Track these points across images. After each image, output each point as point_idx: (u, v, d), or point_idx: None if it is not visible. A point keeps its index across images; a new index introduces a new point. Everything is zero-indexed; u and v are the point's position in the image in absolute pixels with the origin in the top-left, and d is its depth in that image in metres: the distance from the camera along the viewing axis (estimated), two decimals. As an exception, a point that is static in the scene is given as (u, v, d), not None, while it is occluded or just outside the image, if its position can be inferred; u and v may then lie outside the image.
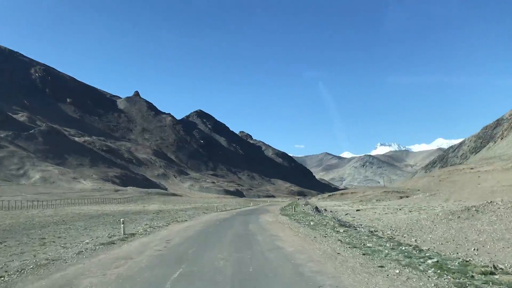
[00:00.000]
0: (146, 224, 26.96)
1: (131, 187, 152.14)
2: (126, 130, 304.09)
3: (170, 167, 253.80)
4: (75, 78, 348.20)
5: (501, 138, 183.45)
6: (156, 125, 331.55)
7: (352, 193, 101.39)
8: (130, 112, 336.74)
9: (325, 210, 50.80)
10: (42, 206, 61.11)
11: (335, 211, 47.89)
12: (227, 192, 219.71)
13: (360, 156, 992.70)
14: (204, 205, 70.99)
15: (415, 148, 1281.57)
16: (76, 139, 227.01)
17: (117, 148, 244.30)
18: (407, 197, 75.44)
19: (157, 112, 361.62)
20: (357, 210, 47.27)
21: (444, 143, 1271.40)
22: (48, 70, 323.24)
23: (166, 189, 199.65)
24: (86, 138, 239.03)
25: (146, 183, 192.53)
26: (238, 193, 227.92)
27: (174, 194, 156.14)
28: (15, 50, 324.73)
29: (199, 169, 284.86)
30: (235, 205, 75.75)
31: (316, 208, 50.94)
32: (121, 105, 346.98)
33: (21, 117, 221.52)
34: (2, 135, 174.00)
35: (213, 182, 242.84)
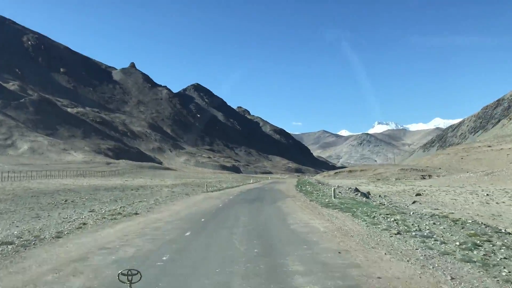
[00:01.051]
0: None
1: (123, 160, 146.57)
2: (121, 102, 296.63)
3: (165, 141, 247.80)
4: (69, 48, 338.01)
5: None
6: (152, 97, 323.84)
7: (361, 170, 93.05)
8: (125, 84, 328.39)
9: (369, 193, 35.75)
10: (9, 179, 54.97)
11: (383, 196, 35.21)
12: (224, 168, 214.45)
13: (358, 135, 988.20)
14: (196, 181, 65.45)
15: (412, 127, 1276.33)
16: (69, 109, 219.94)
17: (111, 120, 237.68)
18: (429, 176, 67.99)
19: (153, 85, 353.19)
20: (417, 195, 35.01)
21: (441, 122, 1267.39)
22: (41, 39, 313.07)
23: (161, 163, 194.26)
24: (80, 109, 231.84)
25: (140, 157, 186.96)
26: (235, 169, 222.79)
27: (168, 169, 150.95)
28: (7, 17, 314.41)
29: (195, 143, 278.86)
30: (231, 182, 68.70)
31: (357, 190, 35.98)
32: (116, 76, 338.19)
33: (12, 86, 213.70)
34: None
35: (209, 157, 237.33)
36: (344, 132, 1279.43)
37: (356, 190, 35.59)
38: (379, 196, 34.86)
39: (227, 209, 21.11)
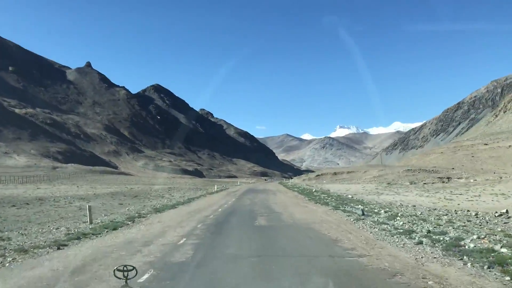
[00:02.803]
0: None
1: (72, 164, 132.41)
2: (75, 103, 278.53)
3: (122, 144, 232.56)
4: (20, 46, 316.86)
5: (504, 112, 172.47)
6: (109, 98, 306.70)
7: (349, 172, 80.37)
8: (80, 84, 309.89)
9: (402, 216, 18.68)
10: None
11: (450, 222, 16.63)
12: (185, 172, 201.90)
13: (320, 138, 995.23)
14: (138, 189, 53.93)
15: (373, 131, 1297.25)
16: (16, 110, 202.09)
17: (63, 122, 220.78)
18: (448, 178, 54.79)
19: (110, 85, 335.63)
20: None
21: (401, 126, 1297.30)
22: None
23: (116, 167, 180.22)
24: (29, 110, 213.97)
25: (94, 160, 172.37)
26: (197, 173, 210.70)
27: (122, 173, 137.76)
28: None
29: (155, 146, 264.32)
30: (187, 190, 53.01)
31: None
32: (70, 76, 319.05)
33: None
34: None
35: (170, 161, 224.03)
36: (307, 136, 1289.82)
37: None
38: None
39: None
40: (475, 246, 10.52)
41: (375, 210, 20.77)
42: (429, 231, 13.38)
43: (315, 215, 19.36)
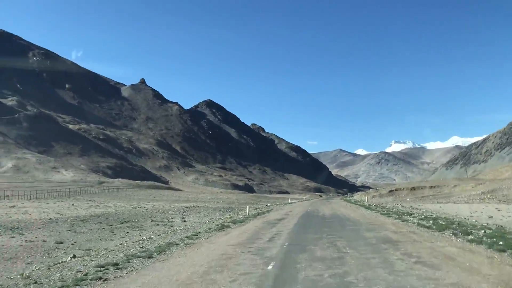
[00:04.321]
0: None
1: (119, 179, 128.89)
2: (129, 119, 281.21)
3: (173, 158, 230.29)
4: (76, 64, 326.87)
5: None
6: (162, 114, 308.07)
7: (432, 187, 64.90)
8: (134, 100, 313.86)
9: None
10: None
11: None
12: (235, 187, 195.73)
13: (375, 153, 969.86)
14: (159, 206, 46.67)
15: (430, 145, 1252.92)
16: (70, 126, 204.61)
17: (116, 137, 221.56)
18: None
19: (164, 101, 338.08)
20: None
21: (459, 141, 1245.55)
22: (47, 54, 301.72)
23: (167, 182, 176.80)
24: (82, 125, 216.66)
25: (144, 175, 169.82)
26: (248, 188, 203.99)
27: (170, 188, 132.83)
28: (14, 33, 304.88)
29: (206, 161, 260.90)
30: (211, 211, 45.01)
31: None
32: (125, 92, 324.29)
33: (10, 101, 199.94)
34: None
35: (220, 176, 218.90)
36: (360, 151, 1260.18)
37: None
38: None
39: None
40: None
41: None
42: None
43: None
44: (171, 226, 29.25)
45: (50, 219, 32.10)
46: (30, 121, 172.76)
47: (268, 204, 59.17)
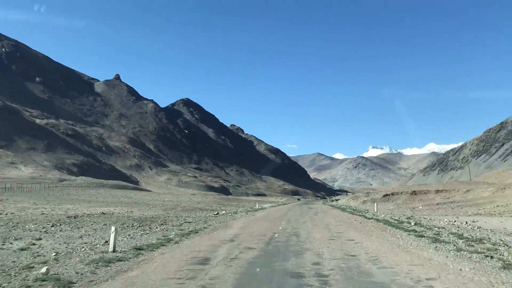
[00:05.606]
0: None
1: (82, 177, 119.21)
2: (101, 115, 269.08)
3: (146, 157, 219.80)
4: (49, 57, 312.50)
5: None
6: (136, 111, 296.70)
7: (437, 192, 54.91)
8: (107, 96, 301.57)
9: None
10: None
11: None
12: (211, 188, 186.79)
13: (353, 158, 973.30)
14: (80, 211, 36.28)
15: (407, 151, 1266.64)
16: (37, 120, 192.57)
17: (86, 134, 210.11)
18: None
19: (138, 98, 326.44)
20: None
21: (436, 147, 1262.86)
22: (18, 46, 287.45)
23: (137, 182, 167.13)
24: (51, 120, 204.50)
25: (112, 174, 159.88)
26: (224, 190, 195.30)
27: (137, 189, 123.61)
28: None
29: (181, 161, 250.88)
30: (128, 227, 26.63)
31: None
32: (98, 88, 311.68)
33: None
34: None
35: (195, 177, 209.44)
36: (338, 155, 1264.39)
37: None
38: None
39: None
40: None
41: None
42: None
43: None
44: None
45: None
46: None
47: (224, 212, 41.61)
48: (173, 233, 19.15)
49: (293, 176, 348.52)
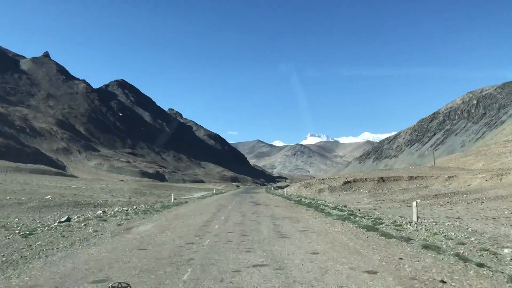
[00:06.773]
0: None
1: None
2: (26, 95, 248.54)
3: (75, 141, 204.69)
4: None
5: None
6: (66, 91, 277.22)
7: (411, 178, 47.83)
8: (34, 75, 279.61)
9: None
10: None
11: None
12: (145, 174, 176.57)
13: (292, 145, 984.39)
14: None
15: (343, 140, 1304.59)
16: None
17: (7, 114, 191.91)
18: None
19: (69, 77, 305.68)
20: None
21: (370, 136, 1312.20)
22: None
23: (64, 167, 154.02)
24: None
25: (36, 158, 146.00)
26: (159, 176, 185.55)
27: (61, 174, 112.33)
28: None
29: (114, 145, 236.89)
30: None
31: None
32: (24, 65, 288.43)
33: None
34: None
35: (128, 162, 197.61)
36: (278, 143, 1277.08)
37: None
38: None
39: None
40: None
41: None
42: None
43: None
44: None
45: None
46: None
47: (135, 208, 29.75)
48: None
49: (232, 162, 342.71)
